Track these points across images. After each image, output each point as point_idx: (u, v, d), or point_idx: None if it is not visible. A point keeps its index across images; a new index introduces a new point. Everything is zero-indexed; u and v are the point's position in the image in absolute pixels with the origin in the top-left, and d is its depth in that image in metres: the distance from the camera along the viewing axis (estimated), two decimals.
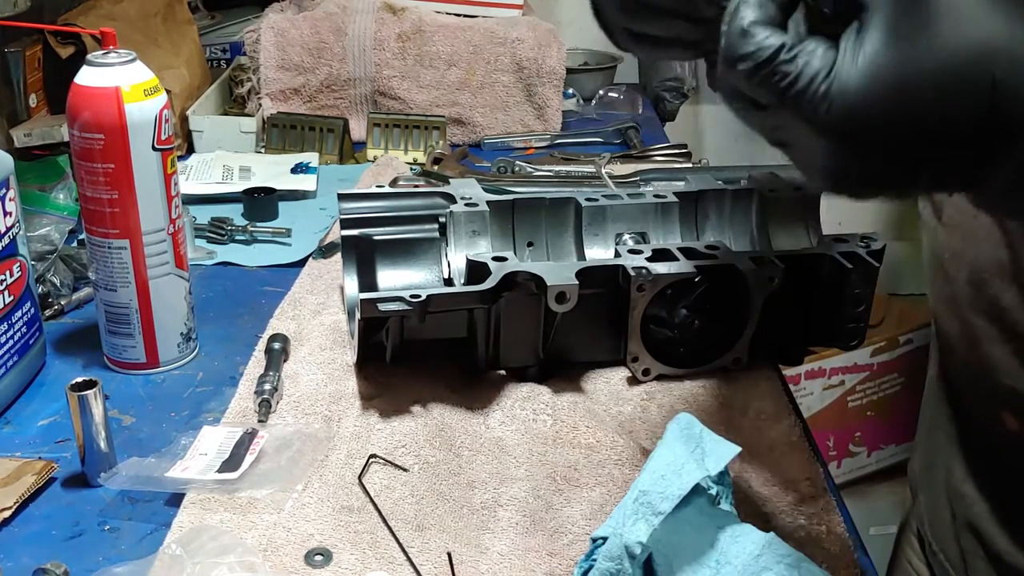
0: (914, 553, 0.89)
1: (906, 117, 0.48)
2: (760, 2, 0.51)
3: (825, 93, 0.48)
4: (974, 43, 0.47)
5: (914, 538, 0.89)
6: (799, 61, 0.49)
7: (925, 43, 0.47)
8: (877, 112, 0.48)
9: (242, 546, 0.70)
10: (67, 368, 0.97)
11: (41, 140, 1.35)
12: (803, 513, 0.77)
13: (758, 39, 0.50)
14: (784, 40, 0.49)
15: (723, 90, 0.53)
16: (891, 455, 2.26)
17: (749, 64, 0.50)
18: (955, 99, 0.47)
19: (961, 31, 0.47)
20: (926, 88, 0.47)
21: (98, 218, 0.90)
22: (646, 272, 0.88)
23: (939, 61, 0.47)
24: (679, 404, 0.89)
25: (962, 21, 0.47)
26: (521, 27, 1.59)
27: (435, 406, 0.88)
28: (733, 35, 0.50)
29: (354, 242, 0.97)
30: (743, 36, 0.50)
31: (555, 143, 1.58)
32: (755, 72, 0.50)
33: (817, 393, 2.12)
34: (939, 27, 0.47)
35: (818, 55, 0.49)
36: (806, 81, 0.49)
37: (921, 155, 0.49)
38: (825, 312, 0.93)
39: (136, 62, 0.89)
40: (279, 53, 1.54)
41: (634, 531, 0.61)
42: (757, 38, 0.50)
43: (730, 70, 0.51)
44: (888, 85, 0.48)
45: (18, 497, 0.77)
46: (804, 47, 0.49)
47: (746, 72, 0.50)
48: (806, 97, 0.49)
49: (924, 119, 0.48)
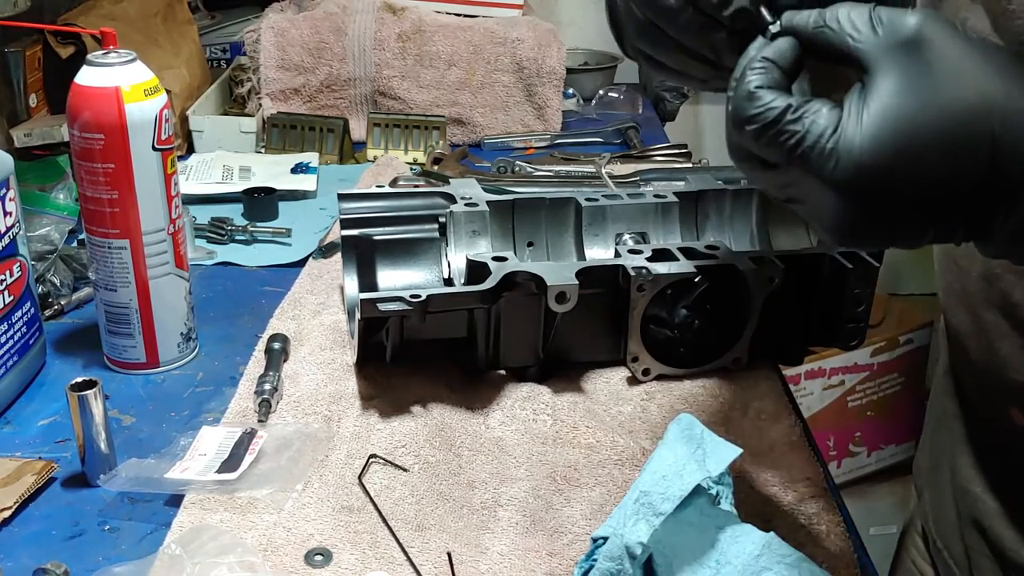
0: (918, 552, 0.89)
1: (911, 172, 0.50)
2: (765, 67, 0.54)
3: (832, 150, 0.50)
4: (973, 102, 0.49)
5: (918, 536, 0.89)
6: (805, 121, 0.51)
7: (926, 101, 0.50)
8: (883, 167, 0.50)
9: (242, 546, 0.70)
10: (67, 368, 0.97)
11: (41, 140, 1.35)
12: (803, 513, 0.77)
13: (764, 101, 0.52)
14: (790, 101, 0.52)
15: (732, 150, 0.55)
16: (891, 455, 2.26)
17: (756, 125, 0.52)
18: (957, 155, 0.50)
19: (961, 90, 0.50)
20: (929, 144, 0.50)
21: (98, 218, 0.90)
22: (646, 272, 0.88)
23: (940, 118, 0.49)
24: (679, 404, 0.89)
25: (961, 81, 0.50)
26: (521, 27, 1.59)
27: (435, 406, 0.88)
28: (740, 98, 0.53)
29: (354, 242, 0.97)
30: (749, 99, 0.53)
31: (555, 143, 1.58)
32: (762, 132, 0.52)
33: (817, 393, 2.12)
34: (940, 86, 0.50)
35: (823, 114, 0.51)
36: (813, 139, 0.51)
37: (927, 209, 0.51)
38: (825, 312, 0.93)
39: (136, 62, 0.89)
40: (279, 53, 1.54)
41: (635, 531, 0.61)
42: (763, 100, 0.52)
43: (738, 131, 0.53)
44: (892, 141, 0.50)
45: (18, 497, 0.77)
46: (809, 107, 0.52)
47: (754, 133, 0.52)
48: (813, 155, 0.51)
49: (928, 174, 0.50)
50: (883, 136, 0.50)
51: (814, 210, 0.53)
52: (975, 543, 0.77)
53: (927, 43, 0.51)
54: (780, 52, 0.54)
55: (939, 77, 0.50)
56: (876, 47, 0.51)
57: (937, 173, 0.50)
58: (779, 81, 0.54)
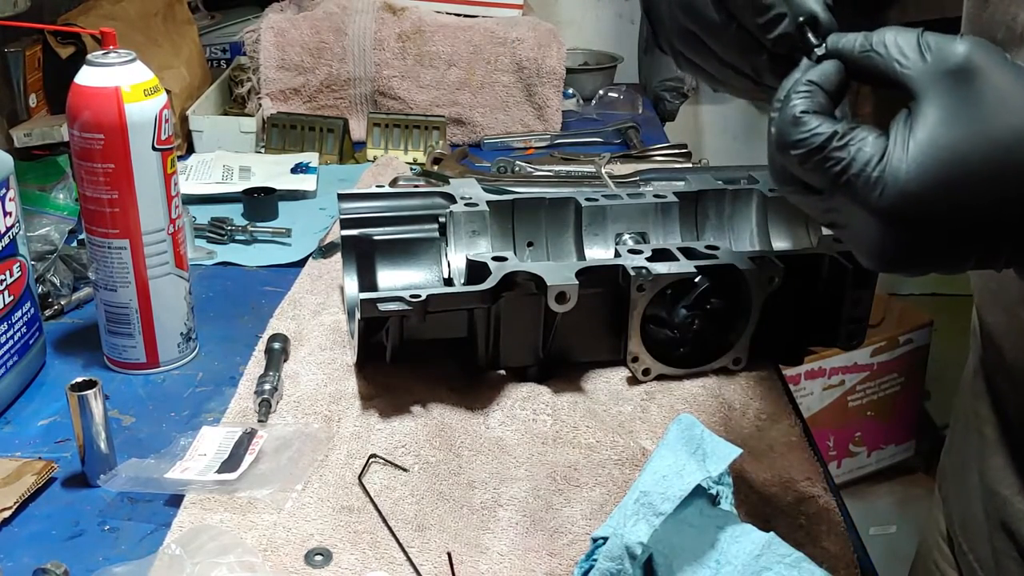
0: (941, 555, 0.89)
1: (957, 201, 0.50)
2: (811, 91, 0.53)
3: (878, 179, 0.50)
4: (1021, 131, 0.49)
5: (942, 540, 0.89)
6: (851, 148, 0.51)
7: (975, 131, 0.49)
8: (929, 196, 0.50)
9: (242, 546, 0.70)
10: (67, 368, 0.97)
11: (41, 140, 1.35)
12: (803, 513, 0.77)
13: (810, 127, 0.52)
14: (836, 128, 0.52)
15: (774, 172, 0.55)
16: (891, 455, 2.26)
17: (802, 151, 0.52)
18: (1004, 185, 0.49)
19: (1009, 119, 0.49)
20: (975, 174, 0.49)
21: (98, 218, 0.90)
22: (646, 272, 0.88)
23: (988, 148, 0.49)
24: (679, 404, 0.89)
25: (1010, 110, 0.50)
26: (521, 27, 1.59)
27: (435, 406, 0.88)
28: (785, 122, 0.53)
29: (354, 242, 0.97)
30: (795, 123, 0.52)
31: (555, 143, 1.58)
32: (808, 158, 0.52)
33: (817, 393, 2.12)
34: (988, 115, 0.49)
35: (869, 142, 0.51)
36: (859, 167, 0.51)
37: (971, 239, 0.51)
38: (825, 312, 0.93)
39: (136, 62, 0.89)
40: (279, 53, 1.54)
41: (635, 531, 0.61)
42: (809, 126, 0.52)
43: (782, 155, 0.53)
44: (939, 171, 0.50)
45: (18, 497, 0.77)
46: (856, 134, 0.51)
47: (799, 158, 0.52)
48: (859, 183, 0.51)
49: (974, 203, 0.50)
50: (929, 165, 0.50)
51: (856, 237, 0.53)
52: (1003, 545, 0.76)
53: (976, 71, 0.50)
54: (825, 75, 0.54)
55: (987, 106, 0.50)
56: (924, 73, 0.51)
57: (983, 203, 0.50)
58: (824, 106, 0.53)
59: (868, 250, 0.53)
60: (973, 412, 0.81)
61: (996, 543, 0.77)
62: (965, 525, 0.82)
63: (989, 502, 0.77)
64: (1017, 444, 0.75)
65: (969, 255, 0.52)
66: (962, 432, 0.84)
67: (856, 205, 0.51)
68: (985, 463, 0.77)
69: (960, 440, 0.85)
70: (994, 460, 0.77)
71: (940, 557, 0.89)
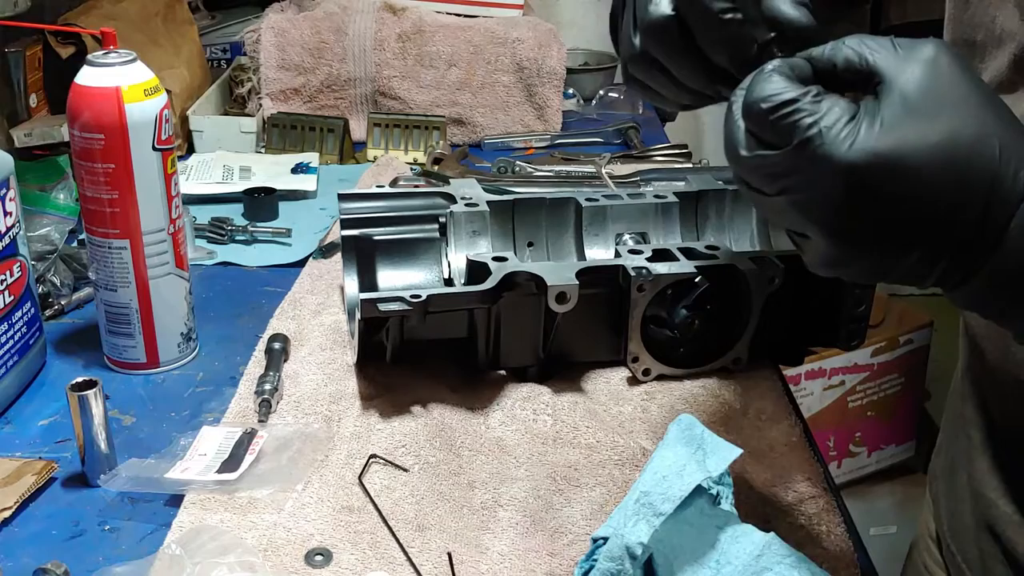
0: (930, 556, 0.89)
1: (919, 177, 0.50)
2: (782, 64, 0.53)
3: (849, 133, 0.50)
4: (981, 135, 0.50)
5: (931, 541, 0.89)
6: (824, 104, 0.51)
7: (942, 115, 0.50)
8: (896, 162, 0.50)
9: (242, 546, 0.70)
10: (67, 368, 0.97)
11: (41, 140, 1.35)
12: (803, 513, 0.77)
13: (783, 84, 0.52)
14: (808, 88, 0.52)
15: (731, 133, 0.54)
16: (891, 455, 2.26)
17: (773, 102, 0.51)
18: (960, 179, 0.50)
19: (975, 120, 0.50)
20: (939, 157, 0.50)
21: (98, 218, 0.90)
22: (646, 272, 0.88)
23: (952, 138, 0.50)
24: (679, 404, 0.89)
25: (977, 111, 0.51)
26: (521, 27, 1.59)
27: (435, 406, 0.88)
28: (757, 80, 0.53)
29: (354, 242, 0.97)
30: (767, 80, 0.52)
31: (555, 143, 1.57)
32: (777, 109, 0.51)
33: (817, 393, 2.12)
34: (956, 107, 0.50)
35: (842, 104, 0.51)
36: (832, 120, 0.51)
37: (921, 224, 0.51)
38: (825, 312, 0.93)
39: (136, 62, 0.89)
40: (279, 53, 1.54)
41: (635, 531, 0.61)
42: (781, 84, 0.52)
43: (748, 112, 0.53)
44: (903, 143, 0.50)
45: (18, 497, 0.77)
46: (828, 96, 0.52)
47: (769, 109, 0.52)
48: (831, 134, 0.50)
49: (932, 184, 0.50)
50: (897, 135, 0.50)
51: (808, 202, 0.52)
52: (989, 548, 0.76)
53: (945, 68, 0.51)
54: (796, 64, 0.54)
55: (955, 101, 0.51)
56: (895, 58, 0.52)
57: (940, 189, 0.50)
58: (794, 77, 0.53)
59: (821, 218, 0.52)
60: (961, 414, 0.81)
61: (983, 545, 0.77)
62: (954, 527, 0.82)
63: (976, 504, 0.77)
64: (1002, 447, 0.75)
65: (912, 245, 0.52)
66: (951, 434, 0.84)
67: (820, 161, 0.51)
68: (973, 465, 0.78)
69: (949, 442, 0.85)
70: (980, 463, 0.77)
71: (929, 558, 0.89)
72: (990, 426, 0.77)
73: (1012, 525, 0.73)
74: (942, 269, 0.52)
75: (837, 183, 0.50)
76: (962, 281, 0.53)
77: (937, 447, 0.89)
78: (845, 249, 0.53)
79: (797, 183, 0.52)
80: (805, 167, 0.51)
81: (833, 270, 0.55)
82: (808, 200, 0.52)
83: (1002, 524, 0.74)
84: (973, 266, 0.52)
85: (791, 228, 0.56)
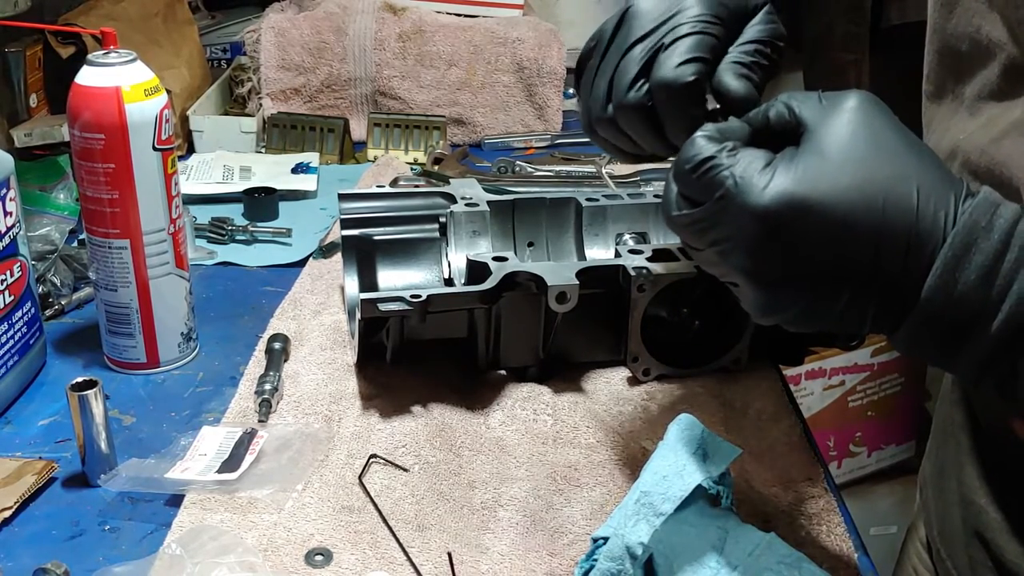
0: (920, 561, 0.89)
1: (835, 217, 0.52)
2: (712, 130, 0.57)
3: (761, 178, 0.53)
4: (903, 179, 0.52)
5: (921, 545, 0.89)
6: (740, 155, 0.55)
7: (861, 159, 0.53)
8: (809, 204, 0.52)
9: (242, 546, 0.70)
10: (67, 368, 0.97)
11: (41, 140, 1.35)
12: (803, 513, 0.77)
13: (703, 144, 0.56)
14: (727, 144, 0.56)
15: (667, 205, 0.58)
16: (891, 455, 2.26)
17: (694, 162, 0.55)
18: (870, 223, 0.52)
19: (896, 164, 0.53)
20: (843, 203, 0.52)
21: (98, 218, 0.90)
22: (646, 272, 0.88)
23: (870, 181, 0.52)
24: (679, 404, 0.89)
25: (898, 157, 0.53)
26: (521, 27, 1.59)
27: (435, 406, 0.88)
28: (684, 149, 0.57)
29: (354, 242, 0.97)
30: (691, 145, 0.56)
31: (555, 143, 1.57)
32: (698, 167, 0.55)
33: (817, 393, 2.12)
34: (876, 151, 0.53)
35: (758, 154, 0.55)
36: (745, 167, 0.54)
37: (845, 265, 0.53)
38: None
39: (136, 62, 0.89)
40: (279, 53, 1.54)
41: (636, 531, 0.61)
42: (703, 144, 0.56)
43: (676, 175, 0.57)
44: (822, 182, 0.52)
45: (18, 497, 0.77)
46: (746, 149, 0.55)
47: (691, 168, 0.55)
48: (744, 182, 0.53)
49: (842, 229, 0.52)
50: (814, 175, 0.52)
51: (732, 250, 0.54)
52: (978, 555, 0.76)
53: (865, 116, 0.54)
54: (728, 127, 0.58)
55: (873, 146, 0.53)
56: (819, 109, 0.55)
57: (858, 229, 0.52)
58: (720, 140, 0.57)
59: (742, 263, 0.54)
60: (950, 420, 0.81)
61: (972, 551, 0.77)
62: (944, 532, 0.82)
63: (966, 510, 0.77)
64: (990, 453, 0.75)
65: (841, 286, 0.53)
66: (941, 438, 0.84)
67: (738, 208, 0.53)
68: (962, 471, 0.78)
69: (939, 447, 0.85)
70: (969, 468, 0.77)
71: (919, 563, 0.89)
72: (978, 432, 0.77)
73: (1001, 532, 0.73)
74: (874, 312, 0.54)
75: (755, 227, 0.53)
76: (896, 324, 0.54)
77: (927, 452, 0.89)
78: (771, 293, 0.55)
79: (720, 233, 0.55)
80: (725, 217, 0.54)
81: (770, 317, 0.57)
82: (732, 248, 0.55)
83: (991, 531, 0.74)
84: (904, 307, 0.53)
85: (724, 279, 0.58)
